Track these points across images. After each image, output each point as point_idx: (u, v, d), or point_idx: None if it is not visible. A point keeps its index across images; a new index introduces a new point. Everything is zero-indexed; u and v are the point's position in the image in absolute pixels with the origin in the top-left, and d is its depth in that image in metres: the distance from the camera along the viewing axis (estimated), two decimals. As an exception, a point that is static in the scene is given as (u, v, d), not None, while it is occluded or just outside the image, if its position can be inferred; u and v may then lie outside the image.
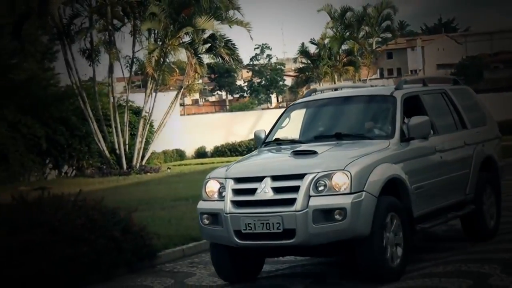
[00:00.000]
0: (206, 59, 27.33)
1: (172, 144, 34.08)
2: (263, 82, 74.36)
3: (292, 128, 8.90)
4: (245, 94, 76.30)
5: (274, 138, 8.68)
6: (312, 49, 45.53)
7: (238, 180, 7.51)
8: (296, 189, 7.15)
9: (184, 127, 35.40)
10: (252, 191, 7.34)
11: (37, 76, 30.19)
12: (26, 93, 27.46)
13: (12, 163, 24.29)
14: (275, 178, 7.31)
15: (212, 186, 7.71)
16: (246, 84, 76.88)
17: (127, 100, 27.35)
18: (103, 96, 28.10)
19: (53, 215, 8.42)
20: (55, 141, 26.41)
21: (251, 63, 75.24)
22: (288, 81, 71.38)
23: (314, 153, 7.57)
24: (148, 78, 26.24)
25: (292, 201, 7.12)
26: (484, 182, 9.20)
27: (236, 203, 7.40)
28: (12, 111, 25.28)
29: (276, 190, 7.25)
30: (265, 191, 7.25)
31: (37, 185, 20.35)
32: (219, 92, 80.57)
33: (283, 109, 11.64)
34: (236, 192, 7.46)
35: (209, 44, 26.48)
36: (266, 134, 8.78)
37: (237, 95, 77.55)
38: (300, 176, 7.19)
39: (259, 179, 7.34)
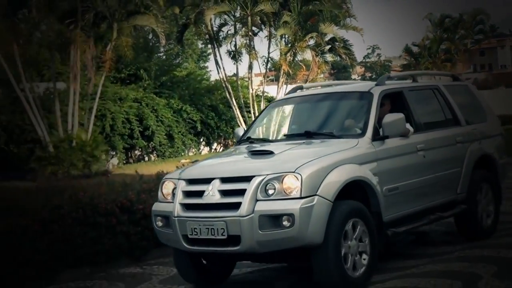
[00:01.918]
0: (328, 57, 27.52)
1: (299, 127, 34.37)
2: (374, 76, 73.30)
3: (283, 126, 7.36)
4: (358, 87, 75.45)
5: (246, 137, 6.86)
6: (414, 49, 44.71)
7: (189, 181, 5.79)
8: (242, 192, 5.40)
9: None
10: (201, 194, 5.63)
11: (194, 73, 31.41)
12: (186, 86, 28.75)
13: (176, 141, 25.64)
14: (224, 180, 5.58)
15: (167, 187, 5.97)
16: (359, 78, 75.87)
17: (263, 91, 27.93)
18: (244, 88, 28.78)
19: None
20: (207, 124, 27.46)
21: (364, 60, 74.36)
22: (394, 76, 70.02)
23: (270, 153, 5.83)
24: (281, 74, 26.72)
25: (237, 206, 5.38)
26: (478, 181, 7.27)
27: (185, 206, 5.70)
28: (176, 100, 26.50)
29: (223, 193, 5.52)
30: (211, 194, 5.54)
31: (194, 158, 21.39)
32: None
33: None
34: (186, 194, 5.75)
35: (330, 46, 26.64)
36: (244, 131, 7.05)
37: (351, 87, 76.83)
38: (248, 179, 5.45)
39: (208, 180, 5.63)
